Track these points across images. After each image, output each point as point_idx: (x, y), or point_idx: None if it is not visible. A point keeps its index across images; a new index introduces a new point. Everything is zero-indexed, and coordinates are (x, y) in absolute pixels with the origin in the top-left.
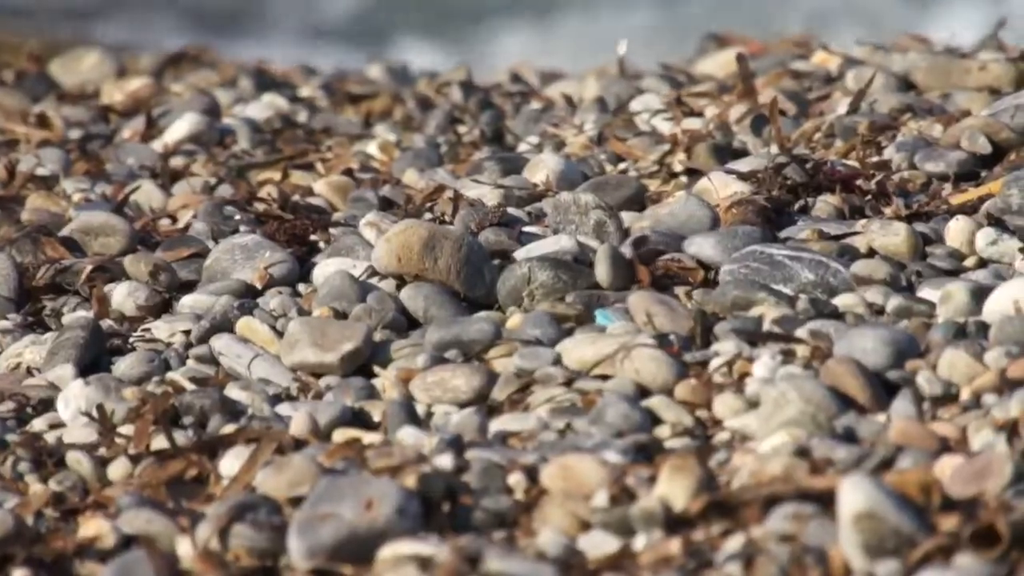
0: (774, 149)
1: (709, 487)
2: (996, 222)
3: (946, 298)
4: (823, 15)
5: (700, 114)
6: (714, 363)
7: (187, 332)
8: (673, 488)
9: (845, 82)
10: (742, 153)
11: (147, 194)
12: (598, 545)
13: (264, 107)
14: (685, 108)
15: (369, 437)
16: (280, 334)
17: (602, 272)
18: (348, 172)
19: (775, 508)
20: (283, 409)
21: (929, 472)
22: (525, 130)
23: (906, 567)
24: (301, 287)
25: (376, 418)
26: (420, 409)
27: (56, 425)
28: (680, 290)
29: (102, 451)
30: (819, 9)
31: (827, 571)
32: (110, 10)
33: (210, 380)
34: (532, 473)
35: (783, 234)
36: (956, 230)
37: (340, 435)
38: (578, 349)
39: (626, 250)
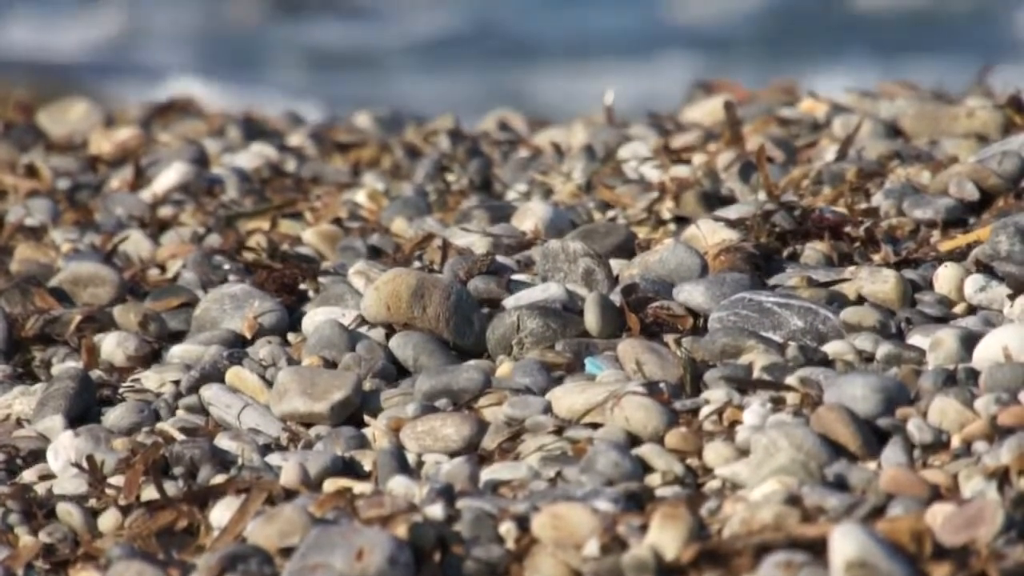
0: (762, 196)
1: (700, 535)
2: (985, 268)
3: (936, 345)
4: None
5: (688, 161)
6: (704, 411)
7: (177, 382)
8: (664, 537)
9: (832, 129)
10: (730, 200)
11: (136, 244)
12: None
13: (252, 156)
14: (673, 155)
15: (360, 486)
16: (270, 383)
17: (591, 320)
18: (337, 221)
19: (767, 556)
20: (273, 459)
21: (920, 520)
22: (513, 178)
23: None
24: (291, 336)
25: (367, 467)
26: (411, 458)
27: (46, 476)
28: (670, 337)
29: (92, 502)
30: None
31: None
32: None
33: (200, 430)
34: (523, 522)
35: (772, 281)
36: (945, 277)
37: (331, 485)
38: (568, 397)
39: (615, 298)
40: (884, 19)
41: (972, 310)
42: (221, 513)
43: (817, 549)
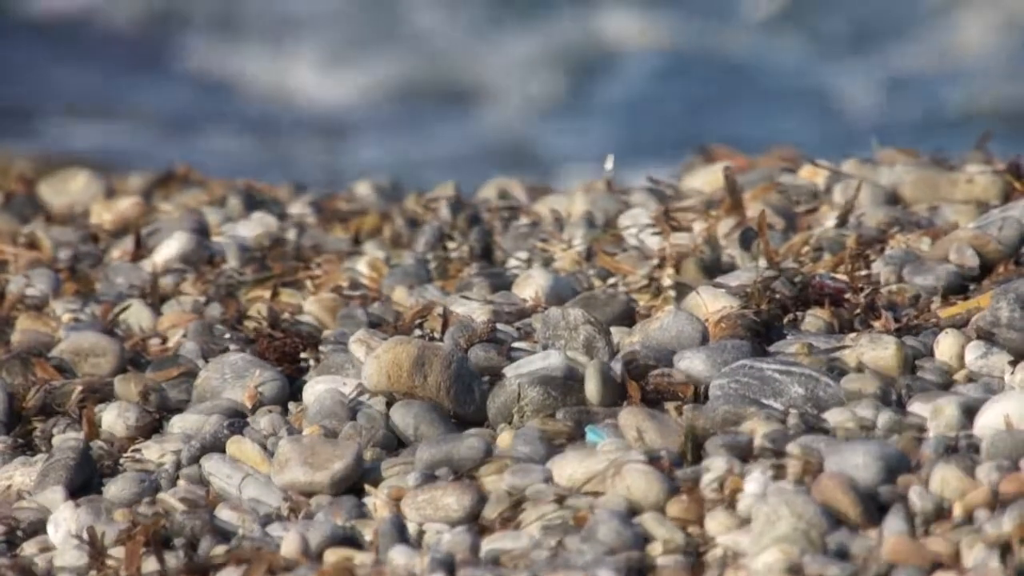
0: (762, 263)
1: None
2: (985, 336)
3: (937, 413)
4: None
5: (688, 229)
6: (705, 479)
7: (177, 452)
8: None
9: (832, 196)
10: (730, 268)
11: (137, 314)
12: None
13: (253, 226)
14: (673, 223)
15: (360, 557)
16: (270, 453)
17: (592, 389)
18: (337, 290)
19: None
20: (274, 529)
21: None
22: (514, 246)
23: None
24: (291, 406)
25: (367, 537)
26: (411, 528)
27: (47, 548)
28: (670, 406)
29: (93, 574)
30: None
31: None
32: None
33: (201, 501)
34: None
35: (772, 349)
36: (945, 344)
37: (331, 555)
38: (569, 466)
39: (616, 366)
40: None
41: (973, 378)
42: None
43: None
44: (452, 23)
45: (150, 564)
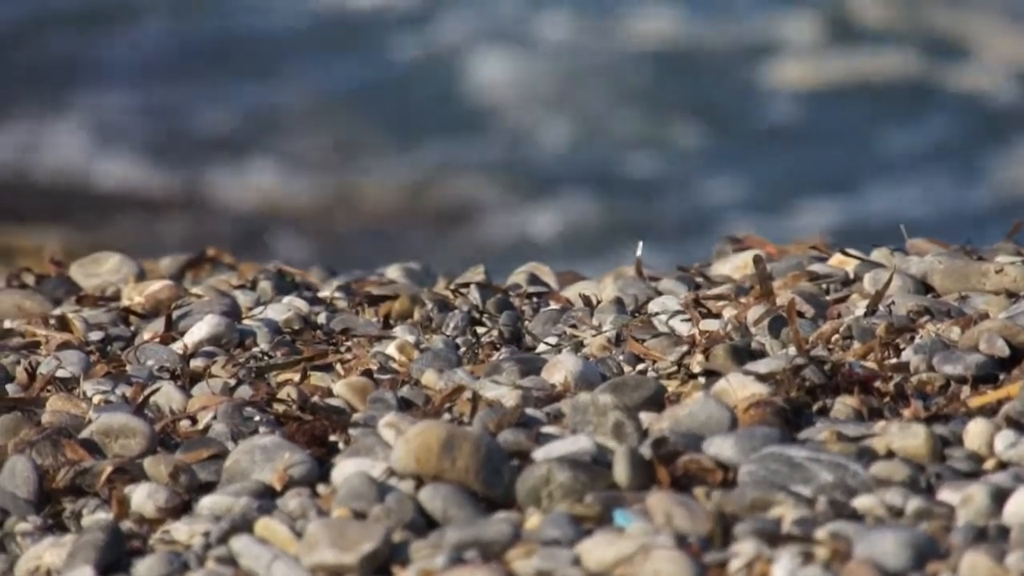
0: (792, 351)
1: None
2: (1015, 424)
3: (966, 501)
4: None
5: (718, 315)
6: (734, 564)
7: (207, 533)
8: None
9: (863, 284)
10: (760, 354)
11: (167, 395)
12: None
13: (284, 308)
14: (703, 309)
15: None
16: (299, 535)
17: (621, 473)
18: (367, 373)
19: None
20: None
21: None
22: (543, 331)
23: None
24: (320, 487)
25: None
26: None
27: None
28: (699, 490)
29: None
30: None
31: None
32: None
33: None
34: None
35: (802, 435)
36: (975, 432)
37: None
38: (597, 550)
39: (645, 451)
40: None
41: (1003, 466)
42: None
43: None
44: None
45: None
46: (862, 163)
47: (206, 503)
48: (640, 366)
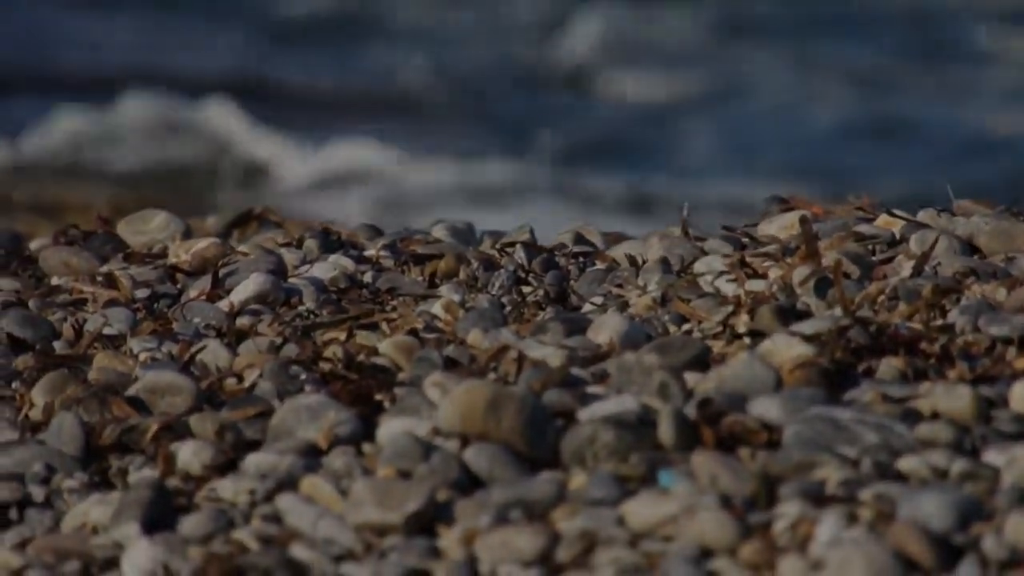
0: (838, 312)
1: None
2: None
3: (1011, 462)
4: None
5: (764, 276)
6: (778, 525)
7: (252, 491)
8: None
9: (909, 245)
10: (806, 315)
11: (213, 353)
12: None
13: (329, 267)
14: (748, 270)
15: None
16: (344, 493)
17: (666, 433)
18: (413, 332)
19: None
20: (347, 568)
21: None
22: (589, 291)
23: None
24: (365, 447)
25: None
26: (484, 569)
27: None
28: (743, 451)
29: None
30: None
31: None
32: None
33: (275, 539)
34: None
35: (847, 396)
36: (1020, 394)
37: None
38: (642, 510)
39: (690, 411)
40: None
41: None
42: None
43: None
44: None
45: None
46: None
47: (252, 461)
48: (685, 326)
